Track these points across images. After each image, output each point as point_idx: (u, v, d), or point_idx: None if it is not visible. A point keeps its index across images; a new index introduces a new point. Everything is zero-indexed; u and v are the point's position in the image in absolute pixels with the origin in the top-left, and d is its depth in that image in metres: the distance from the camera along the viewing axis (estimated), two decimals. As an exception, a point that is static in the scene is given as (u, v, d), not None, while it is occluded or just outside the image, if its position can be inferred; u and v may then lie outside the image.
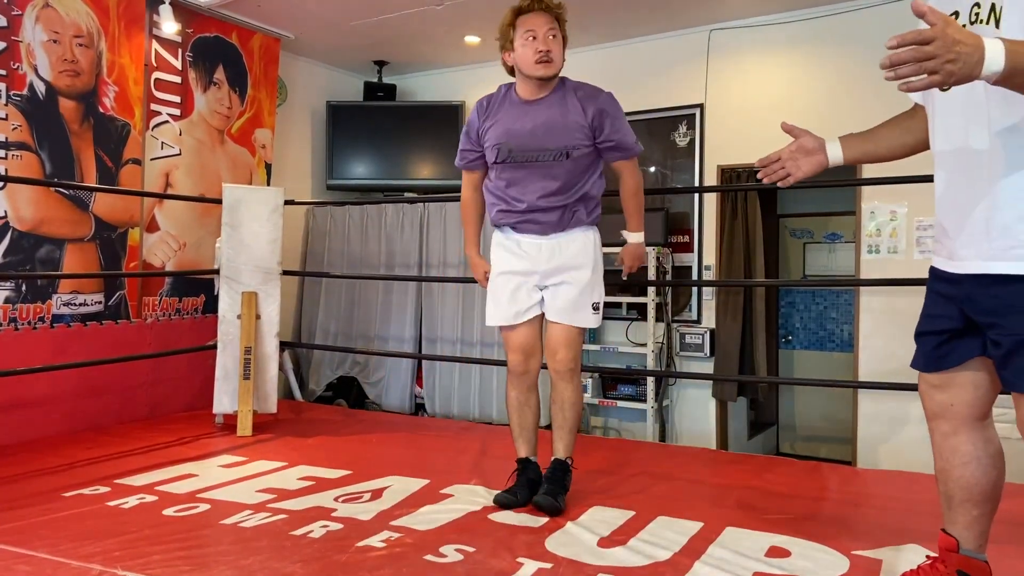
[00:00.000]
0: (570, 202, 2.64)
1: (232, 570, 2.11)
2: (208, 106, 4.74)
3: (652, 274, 4.71)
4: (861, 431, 4.36)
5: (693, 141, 4.95)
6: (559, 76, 2.63)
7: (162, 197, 4.46)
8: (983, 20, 1.55)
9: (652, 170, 5.07)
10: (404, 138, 5.71)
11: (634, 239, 2.81)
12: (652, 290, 4.81)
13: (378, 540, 2.34)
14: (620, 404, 4.95)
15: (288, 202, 4.50)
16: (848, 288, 5.70)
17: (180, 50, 4.56)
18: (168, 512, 2.61)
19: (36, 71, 3.84)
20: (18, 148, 3.78)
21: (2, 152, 3.72)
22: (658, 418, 4.84)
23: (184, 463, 3.29)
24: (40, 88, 3.86)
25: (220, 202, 4.18)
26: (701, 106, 4.92)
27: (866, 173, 4.11)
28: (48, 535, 2.37)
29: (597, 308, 2.70)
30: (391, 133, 5.71)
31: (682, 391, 4.96)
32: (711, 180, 4.88)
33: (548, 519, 2.53)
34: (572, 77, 2.70)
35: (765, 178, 1.91)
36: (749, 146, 4.52)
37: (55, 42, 3.91)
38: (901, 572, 1.97)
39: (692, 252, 4.94)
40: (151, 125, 4.40)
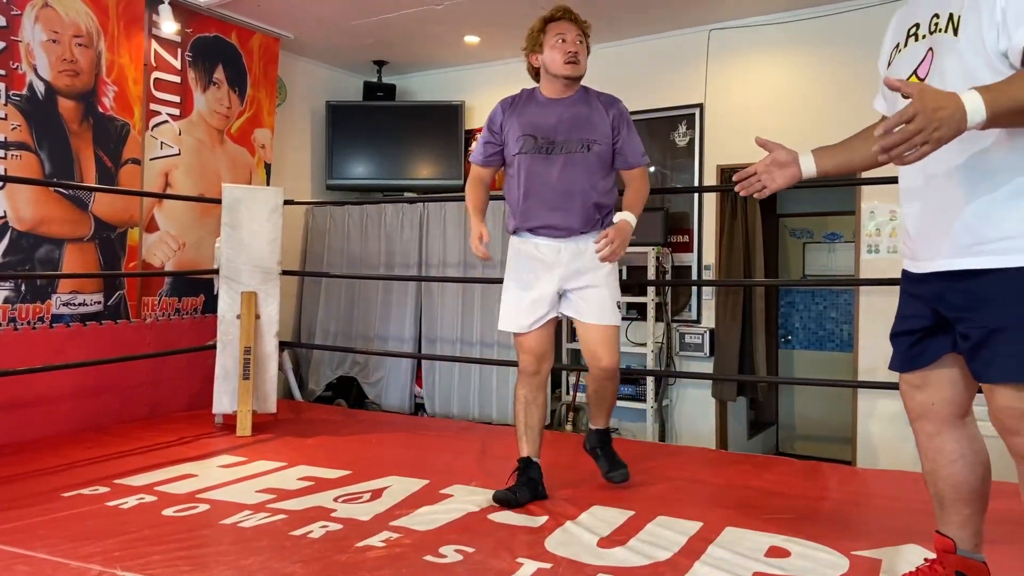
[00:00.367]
0: (588, 203, 2.72)
1: (232, 570, 2.11)
2: (208, 106, 4.74)
3: (652, 274, 4.71)
4: (861, 431, 4.36)
5: (693, 141, 4.95)
6: (580, 83, 2.79)
7: (161, 197, 4.45)
8: (942, 29, 1.61)
9: (652, 170, 5.07)
10: (404, 138, 5.70)
11: (627, 217, 2.72)
12: (652, 290, 4.81)
13: (378, 540, 2.34)
14: (620, 404, 4.91)
15: (288, 202, 4.50)
16: (848, 288, 5.70)
17: (179, 50, 4.56)
18: (168, 512, 2.61)
19: (35, 71, 3.83)
20: (17, 148, 3.77)
21: (1, 152, 3.71)
22: (658, 418, 4.84)
23: (184, 463, 3.29)
24: (39, 88, 3.86)
25: (219, 202, 4.18)
26: (701, 106, 4.92)
27: (866, 173, 4.10)
28: (47, 535, 2.36)
29: (620, 306, 2.83)
30: (391, 133, 5.70)
31: (682, 391, 4.96)
32: (711, 180, 4.88)
33: (548, 519, 2.54)
34: (572, 76, 2.76)
35: (742, 191, 1.98)
36: (749, 146, 4.43)
37: (54, 42, 3.91)
38: (900, 572, 1.97)
39: (692, 252, 4.94)
40: (150, 125, 4.40)
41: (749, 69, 4.80)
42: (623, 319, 5.12)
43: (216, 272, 4.22)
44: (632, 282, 4.83)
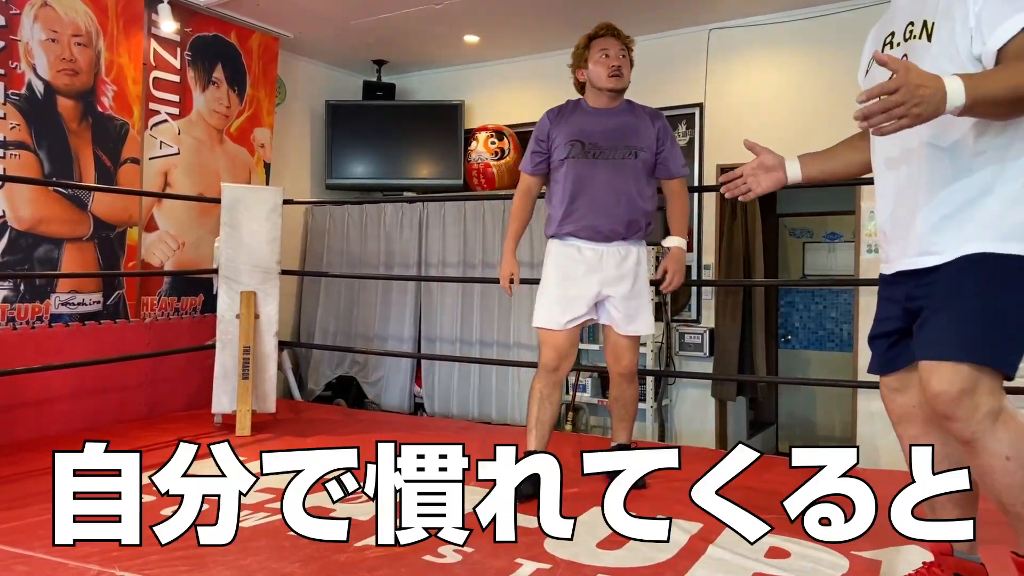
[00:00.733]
0: (633, 208, 2.84)
1: (231, 570, 2.11)
2: (207, 105, 4.73)
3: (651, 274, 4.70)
4: (861, 431, 4.35)
5: (692, 140, 4.95)
6: (624, 96, 2.94)
7: (161, 196, 4.45)
8: (916, 36, 1.65)
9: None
10: (403, 137, 5.70)
11: (677, 243, 2.97)
12: (652, 289, 4.79)
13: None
14: (619, 404, 4.94)
15: (287, 201, 4.50)
16: (847, 288, 5.70)
17: (179, 49, 4.55)
18: (166, 512, 2.60)
19: (34, 70, 3.83)
20: (16, 147, 3.77)
21: (0, 151, 3.71)
22: (657, 417, 4.83)
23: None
24: (38, 87, 3.85)
25: (219, 201, 4.18)
26: (700, 105, 4.92)
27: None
28: (46, 535, 2.35)
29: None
30: (390, 132, 5.70)
31: (681, 391, 4.95)
32: (710, 179, 4.87)
33: (547, 519, 2.53)
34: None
35: (727, 193, 2.01)
36: (749, 145, 4.51)
37: (53, 41, 3.90)
38: (900, 573, 1.97)
39: (691, 252, 4.93)
40: (150, 124, 4.39)
41: (749, 68, 4.80)
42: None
43: (215, 272, 4.21)
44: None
